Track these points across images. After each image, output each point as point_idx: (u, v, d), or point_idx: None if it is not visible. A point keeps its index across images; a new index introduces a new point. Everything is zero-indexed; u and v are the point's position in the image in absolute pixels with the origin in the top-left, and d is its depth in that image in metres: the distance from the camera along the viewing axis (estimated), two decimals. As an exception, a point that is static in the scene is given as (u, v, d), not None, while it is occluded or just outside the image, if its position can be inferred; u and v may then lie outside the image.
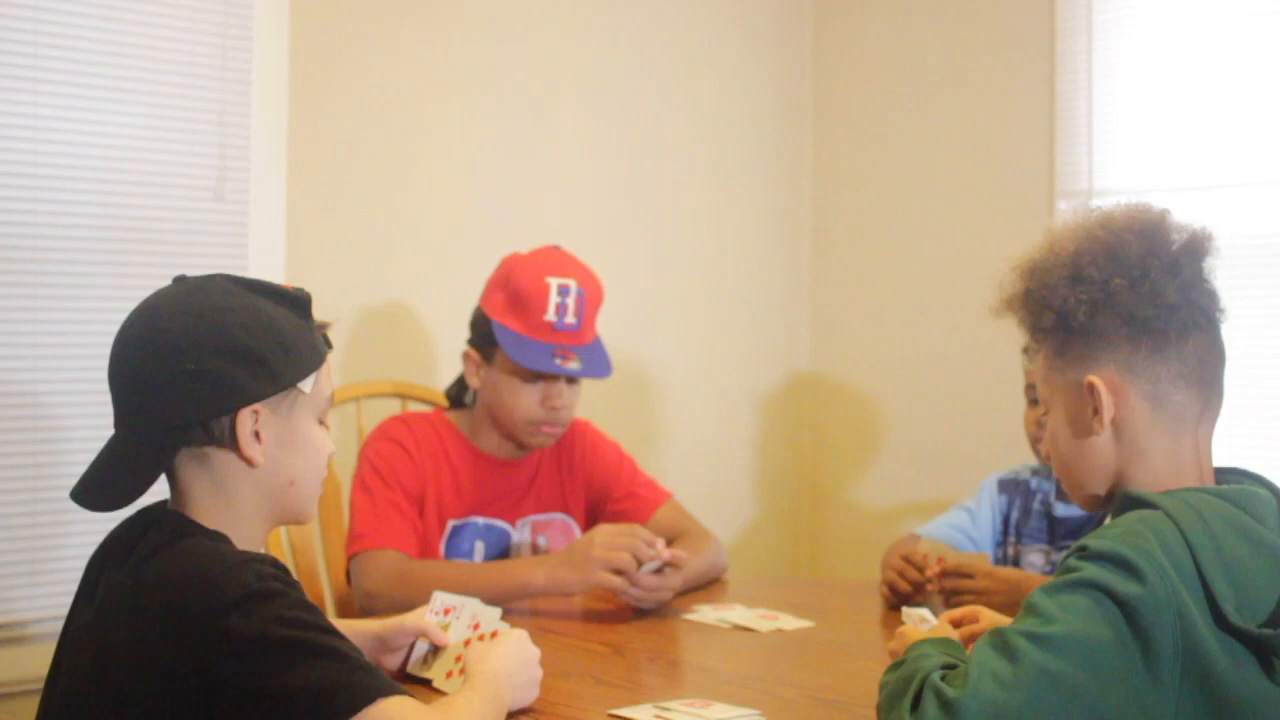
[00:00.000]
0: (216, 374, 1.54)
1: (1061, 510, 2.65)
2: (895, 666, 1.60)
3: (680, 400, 3.84)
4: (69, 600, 1.64)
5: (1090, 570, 1.48)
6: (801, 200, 4.13)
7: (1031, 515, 2.69)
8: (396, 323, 3.24)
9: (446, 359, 3.19)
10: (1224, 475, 1.66)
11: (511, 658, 1.72)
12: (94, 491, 1.58)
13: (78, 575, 1.67)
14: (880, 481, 3.96)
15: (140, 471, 1.57)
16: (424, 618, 1.88)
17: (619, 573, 2.29)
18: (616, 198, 3.67)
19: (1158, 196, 1.70)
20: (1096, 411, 1.62)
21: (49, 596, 2.78)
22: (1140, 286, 1.60)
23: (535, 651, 1.76)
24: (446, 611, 1.86)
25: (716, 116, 3.93)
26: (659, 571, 2.33)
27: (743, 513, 4.00)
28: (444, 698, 1.59)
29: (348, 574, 2.50)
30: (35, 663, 2.47)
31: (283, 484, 1.62)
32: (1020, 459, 2.82)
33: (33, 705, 1.64)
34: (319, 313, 1.69)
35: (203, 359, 1.53)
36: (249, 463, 1.58)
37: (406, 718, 1.45)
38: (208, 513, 1.58)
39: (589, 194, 3.61)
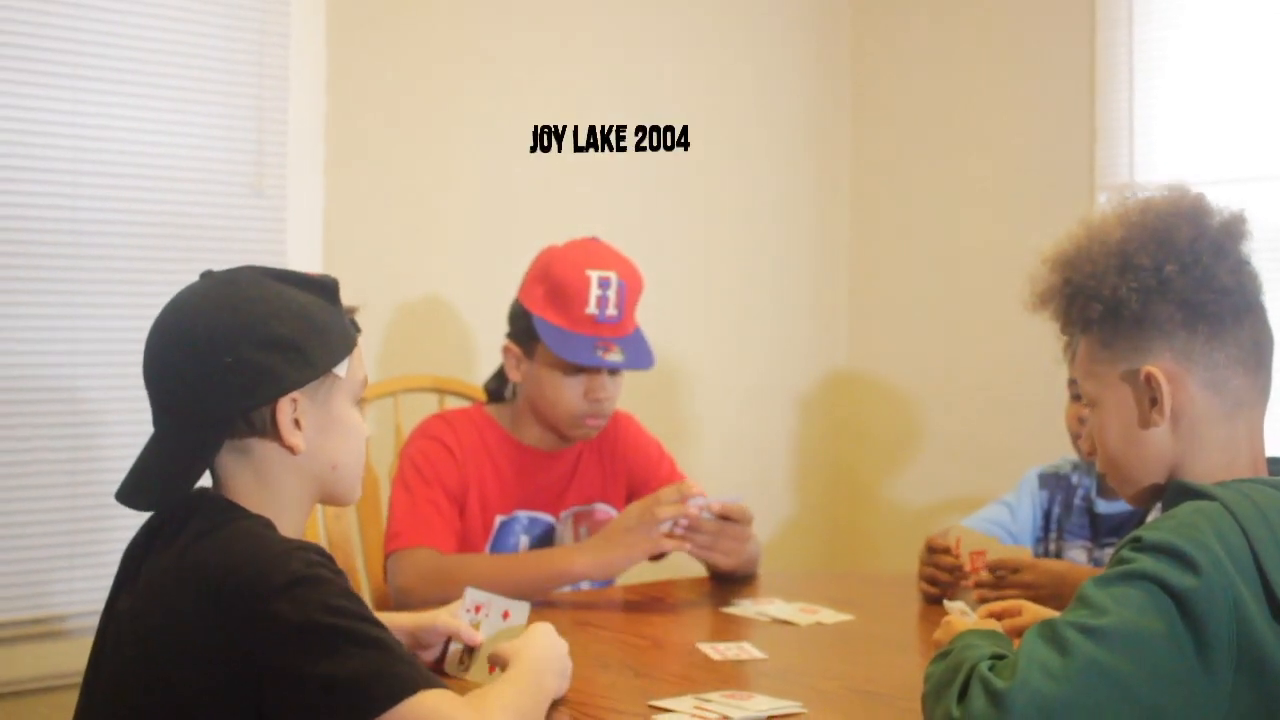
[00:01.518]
0: (254, 365, 1.54)
1: (1104, 507, 2.62)
2: (941, 656, 1.58)
3: (717, 397, 3.83)
4: (106, 595, 1.63)
5: (1144, 562, 1.45)
6: (839, 195, 4.11)
7: (1073, 511, 2.66)
8: (433, 317, 3.24)
9: (483, 353, 3.19)
10: (1276, 466, 1.63)
11: (544, 650, 1.70)
12: (138, 491, 1.58)
13: (115, 569, 1.67)
14: (919, 478, 3.94)
15: (184, 468, 1.57)
16: (456, 615, 1.86)
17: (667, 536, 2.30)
18: (652, 192, 3.67)
19: (1200, 189, 1.66)
20: (1155, 402, 1.57)
21: (87, 591, 2.79)
22: (1193, 271, 1.56)
23: (564, 643, 1.75)
24: (478, 609, 1.85)
25: (753, 110, 3.92)
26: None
27: (780, 510, 3.98)
28: (480, 689, 1.58)
29: (385, 572, 2.50)
30: (74, 657, 2.47)
31: (325, 469, 1.62)
32: (1062, 454, 2.79)
33: (71, 699, 1.63)
34: (355, 305, 1.70)
35: (240, 351, 1.53)
36: (291, 450, 1.58)
37: (446, 710, 1.44)
38: (252, 502, 1.58)
39: (625, 189, 3.60)
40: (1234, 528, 1.47)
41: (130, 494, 1.58)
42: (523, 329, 2.56)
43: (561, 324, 2.49)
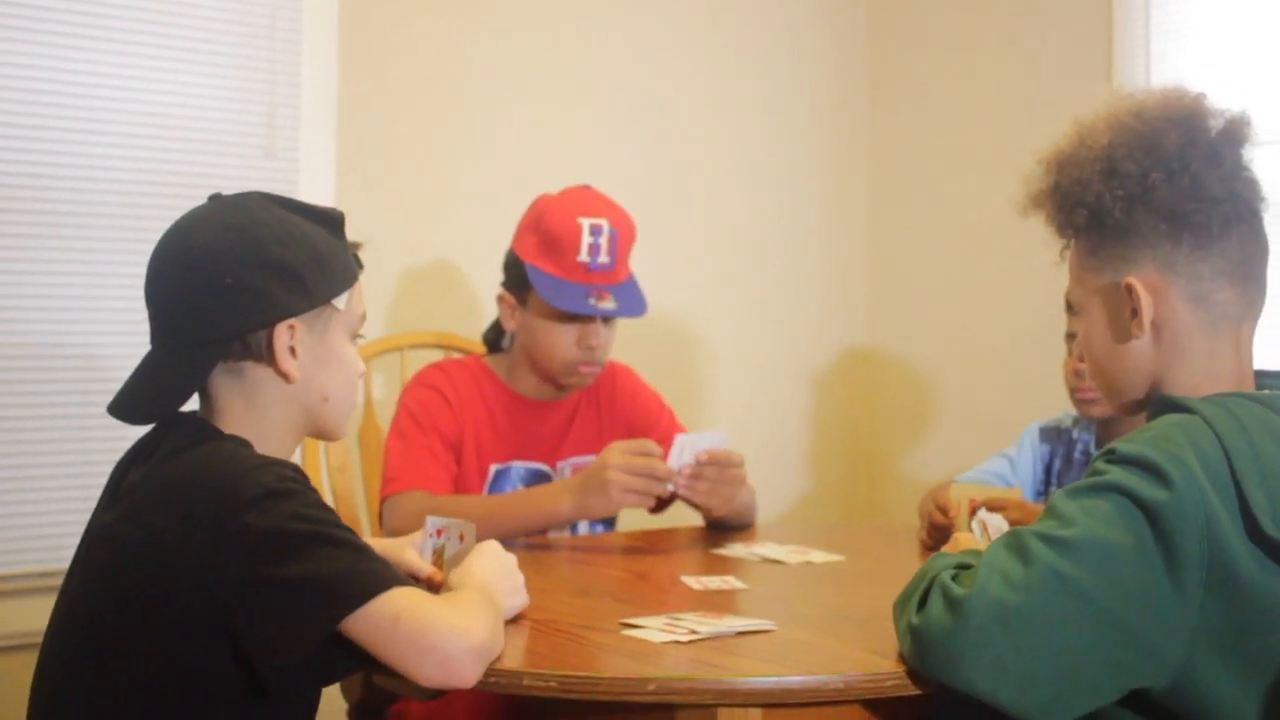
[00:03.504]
0: (254, 288, 1.55)
1: (1102, 459, 2.60)
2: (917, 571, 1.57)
3: (733, 374, 3.83)
4: None
5: (1115, 474, 1.43)
6: (856, 170, 4.10)
7: (1073, 465, 2.64)
8: (442, 278, 3.26)
9: (488, 313, 3.20)
10: (1263, 379, 1.59)
11: (492, 567, 1.68)
12: (130, 405, 1.59)
13: None
14: (936, 455, 3.91)
15: (177, 385, 1.58)
16: (417, 544, 1.83)
17: (642, 493, 2.30)
18: (666, 168, 3.67)
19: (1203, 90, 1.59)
20: (1135, 314, 1.55)
21: (99, 545, 2.82)
22: (1180, 180, 1.52)
23: (512, 558, 1.73)
24: (439, 533, 1.84)
25: (770, 85, 3.92)
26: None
27: (796, 486, 3.97)
28: (446, 593, 1.59)
29: (379, 517, 2.51)
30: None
31: (317, 400, 1.63)
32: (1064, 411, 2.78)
33: None
34: (360, 241, 1.71)
35: (240, 273, 1.54)
36: (285, 378, 1.59)
37: (418, 606, 1.44)
38: (239, 426, 1.59)
39: (638, 163, 3.60)
40: (1212, 441, 1.44)
41: (120, 407, 1.60)
42: (516, 278, 2.57)
43: (554, 272, 2.50)
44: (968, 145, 3.88)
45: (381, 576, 1.45)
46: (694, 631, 1.66)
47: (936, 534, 2.38)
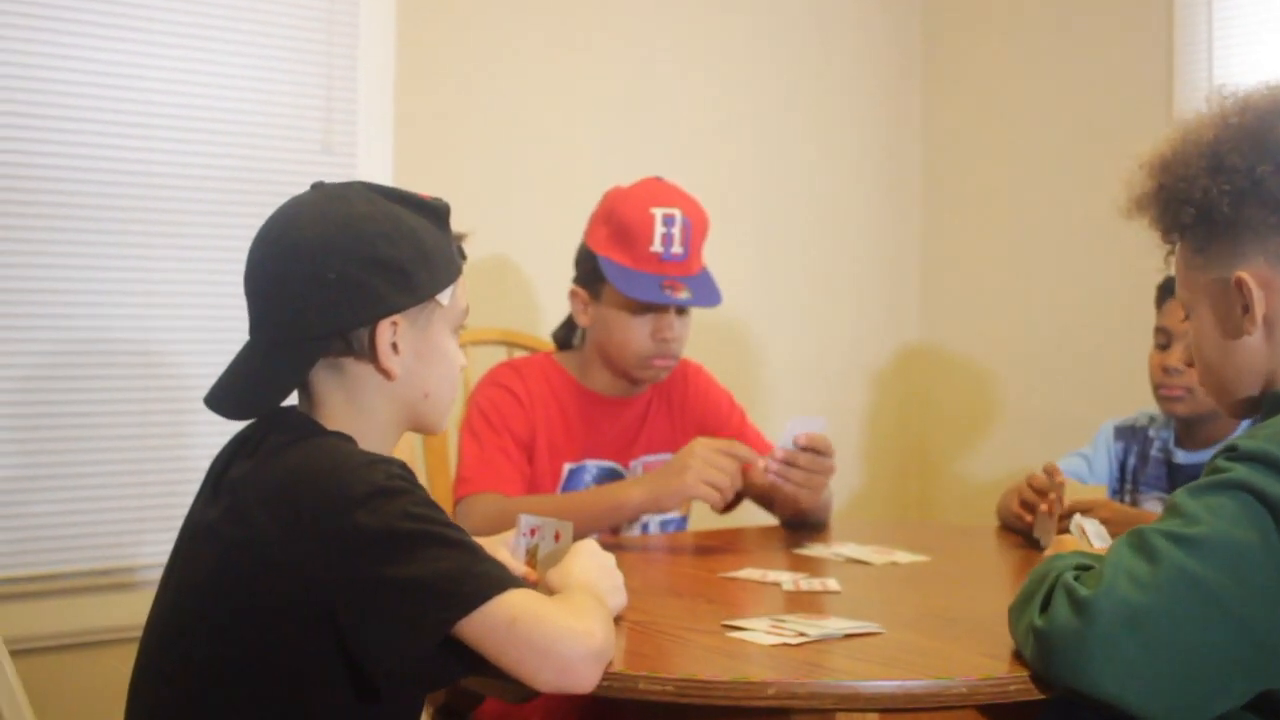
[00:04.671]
0: (358, 283, 1.50)
1: (1183, 457, 2.56)
2: (1033, 571, 1.54)
3: (786, 372, 3.79)
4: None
5: (1239, 471, 1.41)
6: (910, 167, 4.06)
7: (1150, 462, 2.61)
8: (501, 274, 3.23)
9: (549, 311, 3.18)
10: None
11: (592, 567, 1.65)
12: (229, 400, 1.55)
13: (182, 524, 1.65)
14: (993, 454, 3.87)
15: (278, 381, 1.54)
16: (509, 544, 1.81)
17: (717, 489, 2.26)
18: (721, 167, 3.63)
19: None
20: (1247, 309, 1.53)
21: (157, 544, 2.81)
22: None
23: (610, 557, 1.69)
24: (533, 532, 1.80)
25: (823, 82, 3.88)
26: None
27: (848, 484, 3.93)
28: (557, 595, 1.55)
29: (453, 519, 2.47)
30: (142, 609, 2.44)
31: (418, 396, 1.59)
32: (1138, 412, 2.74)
33: None
34: (464, 231, 1.66)
35: (345, 268, 1.50)
36: (386, 375, 1.55)
37: (535, 608, 1.40)
38: (341, 421, 1.56)
39: (692, 163, 3.55)
40: None
41: (218, 402, 1.55)
42: (589, 271, 2.53)
43: (627, 263, 2.46)
44: (1023, 139, 3.83)
45: (496, 578, 1.41)
46: (802, 634, 1.62)
47: (1028, 508, 2.34)
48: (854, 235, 3.95)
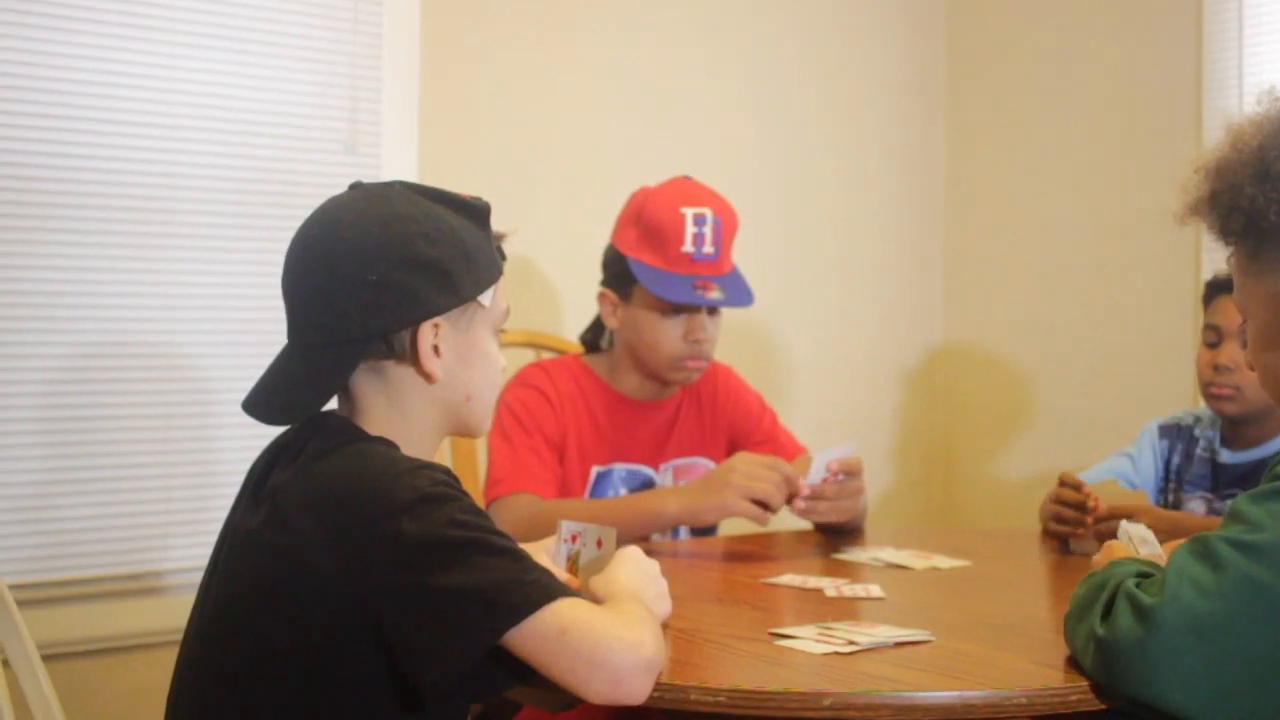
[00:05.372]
0: (399, 285, 1.47)
1: (1228, 456, 2.53)
2: (1089, 578, 1.51)
3: (811, 372, 3.76)
4: (204, 552, 1.59)
5: None
6: (935, 165, 4.03)
7: (1194, 461, 2.57)
8: (526, 276, 3.20)
9: (574, 312, 3.15)
10: None
11: (637, 574, 1.61)
12: (268, 404, 1.52)
13: (213, 527, 1.62)
14: (1019, 453, 3.84)
15: (318, 385, 1.51)
16: (550, 551, 1.77)
17: (759, 503, 2.21)
18: (745, 167, 3.60)
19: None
20: None
21: (184, 549, 2.78)
22: None
23: (655, 564, 1.65)
24: (574, 538, 1.77)
25: (847, 81, 3.85)
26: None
27: (873, 486, 3.87)
28: (606, 604, 1.51)
29: (486, 520, 2.44)
30: (172, 614, 2.46)
31: (460, 399, 1.56)
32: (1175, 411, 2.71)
33: (170, 655, 1.58)
34: (505, 231, 1.63)
35: (386, 270, 1.47)
36: (428, 378, 1.52)
37: (586, 618, 1.36)
38: (382, 426, 1.52)
39: (717, 163, 3.52)
40: None
41: (257, 406, 1.52)
42: (618, 273, 2.49)
43: (657, 264, 2.43)
44: (1046, 137, 3.80)
45: (546, 586, 1.37)
46: (853, 642, 1.59)
47: (1067, 522, 2.32)
48: (879, 234, 3.92)
